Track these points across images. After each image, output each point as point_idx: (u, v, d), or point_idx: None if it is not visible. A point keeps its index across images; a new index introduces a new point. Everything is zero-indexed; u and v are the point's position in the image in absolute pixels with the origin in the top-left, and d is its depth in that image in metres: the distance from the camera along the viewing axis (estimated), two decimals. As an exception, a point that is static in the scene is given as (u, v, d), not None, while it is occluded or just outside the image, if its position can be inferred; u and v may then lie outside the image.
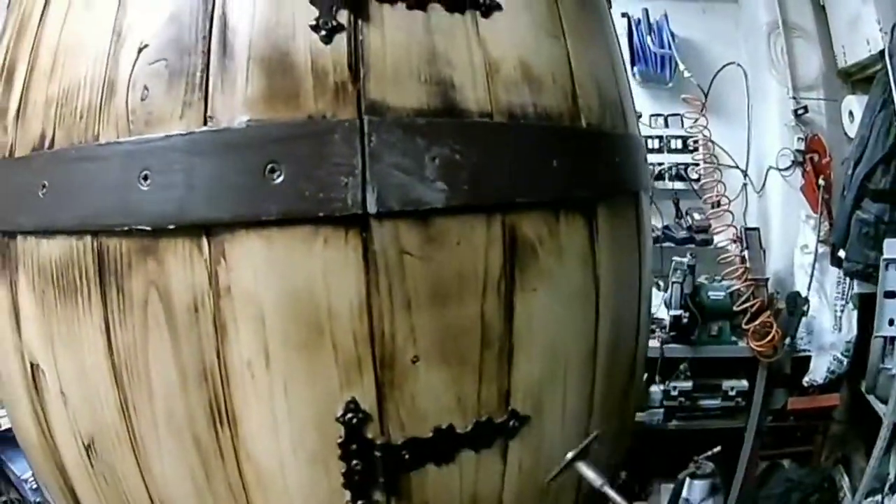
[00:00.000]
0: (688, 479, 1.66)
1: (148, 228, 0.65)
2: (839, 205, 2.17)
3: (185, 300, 0.66)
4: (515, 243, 0.72)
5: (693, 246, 2.41)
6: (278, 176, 0.63)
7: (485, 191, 0.69)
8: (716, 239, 2.37)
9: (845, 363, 2.24)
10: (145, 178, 0.65)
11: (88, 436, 0.76)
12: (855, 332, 2.22)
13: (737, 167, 2.59)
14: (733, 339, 2.24)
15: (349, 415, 0.67)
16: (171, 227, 0.65)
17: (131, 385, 0.71)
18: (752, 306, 2.15)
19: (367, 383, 0.68)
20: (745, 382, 2.27)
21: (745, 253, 2.21)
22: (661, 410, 2.29)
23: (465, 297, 0.70)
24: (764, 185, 2.53)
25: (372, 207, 0.64)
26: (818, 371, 2.26)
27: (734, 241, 2.22)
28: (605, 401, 0.88)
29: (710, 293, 2.21)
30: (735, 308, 2.17)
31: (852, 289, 2.24)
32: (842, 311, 2.28)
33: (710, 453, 2.25)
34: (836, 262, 2.19)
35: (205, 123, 0.65)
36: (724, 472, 2.13)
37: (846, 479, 2.34)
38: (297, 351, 0.66)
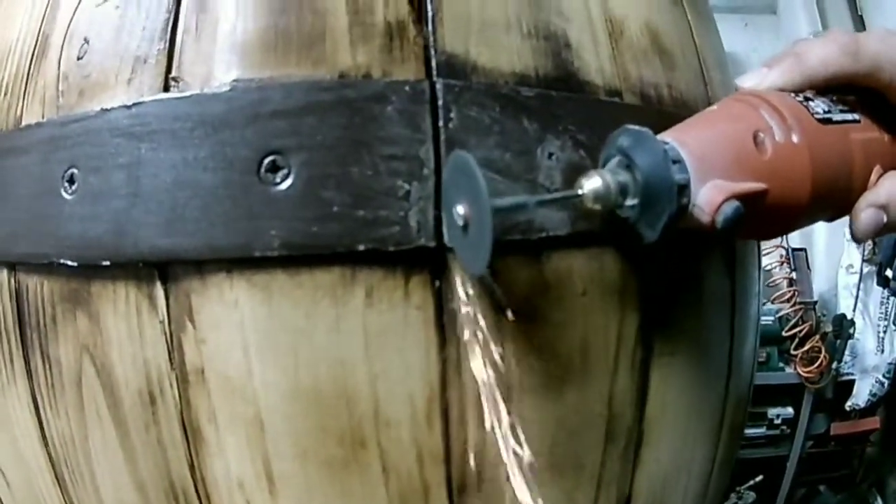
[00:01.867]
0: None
1: (72, 264, 0.35)
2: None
3: (133, 383, 0.36)
4: (661, 287, 0.41)
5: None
6: (284, 177, 0.31)
7: (623, 210, 0.37)
8: (763, 261, 2.06)
9: (886, 385, 1.93)
10: (71, 179, 0.35)
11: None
12: (896, 353, 1.94)
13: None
14: (780, 365, 1.91)
15: (404, 570, 0.36)
16: (105, 262, 0.34)
17: (76, 490, 0.42)
18: (800, 331, 1.82)
19: (434, 521, 0.36)
20: (790, 409, 1.95)
21: (794, 275, 1.88)
22: (705, 442, 2.00)
23: (591, 375, 0.39)
24: (806, 203, 2.23)
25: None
26: (861, 395, 1.95)
27: (781, 263, 1.89)
28: (718, 486, 0.57)
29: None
30: (784, 333, 1.83)
31: (896, 308, 1.95)
32: (884, 332, 1.97)
33: (751, 483, 2.01)
34: (883, 281, 1.86)
35: (165, 89, 0.34)
36: (764, 502, 1.94)
37: (879, 501, 2.04)
38: (321, 470, 0.34)
